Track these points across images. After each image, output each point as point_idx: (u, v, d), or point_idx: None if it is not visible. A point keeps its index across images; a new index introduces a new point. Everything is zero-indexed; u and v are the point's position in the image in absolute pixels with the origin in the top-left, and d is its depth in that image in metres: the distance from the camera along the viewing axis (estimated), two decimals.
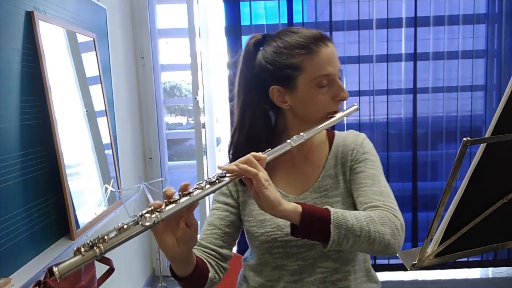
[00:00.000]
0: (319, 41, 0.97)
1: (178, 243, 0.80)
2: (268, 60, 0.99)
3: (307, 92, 0.97)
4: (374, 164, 1.03)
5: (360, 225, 0.86)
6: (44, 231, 1.50)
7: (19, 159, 1.38)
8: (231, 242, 1.05)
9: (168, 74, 3.41)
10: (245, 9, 2.80)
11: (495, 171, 0.58)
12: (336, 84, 0.97)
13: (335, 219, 0.85)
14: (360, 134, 1.10)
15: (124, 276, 2.53)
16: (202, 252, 1.01)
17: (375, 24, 2.80)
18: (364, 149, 1.05)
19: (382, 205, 0.93)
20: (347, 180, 1.04)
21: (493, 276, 3.00)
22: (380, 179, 1.01)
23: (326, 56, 0.96)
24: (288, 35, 0.99)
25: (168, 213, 0.73)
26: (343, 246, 0.86)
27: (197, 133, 2.76)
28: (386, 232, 0.88)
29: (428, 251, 0.60)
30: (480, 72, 2.84)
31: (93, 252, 0.67)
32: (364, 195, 0.98)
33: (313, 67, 0.95)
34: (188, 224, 0.80)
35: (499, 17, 2.78)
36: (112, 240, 0.69)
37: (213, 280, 0.99)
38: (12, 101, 1.36)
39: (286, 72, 0.97)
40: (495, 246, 0.63)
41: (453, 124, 2.87)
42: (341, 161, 1.05)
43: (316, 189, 1.04)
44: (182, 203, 0.75)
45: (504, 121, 0.53)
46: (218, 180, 0.80)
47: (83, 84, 1.85)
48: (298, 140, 0.91)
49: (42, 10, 1.55)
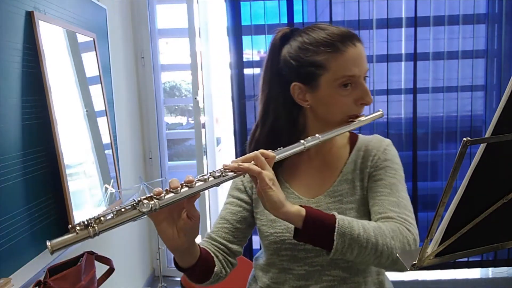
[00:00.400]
0: (346, 40, 0.92)
1: (178, 234, 0.79)
2: (292, 56, 0.96)
3: (328, 92, 0.93)
4: (395, 173, 0.98)
5: (367, 236, 0.82)
6: (44, 231, 1.50)
7: (19, 159, 1.38)
8: (242, 238, 1.04)
9: (168, 74, 3.41)
10: (245, 9, 2.80)
11: (495, 171, 0.58)
12: (361, 87, 0.93)
13: (340, 227, 0.81)
14: (385, 140, 1.04)
15: (124, 276, 2.53)
16: (211, 245, 1.00)
17: (375, 24, 2.80)
18: (386, 156, 1.00)
19: (396, 217, 0.89)
20: (364, 187, 0.99)
21: (493, 276, 3.00)
22: (399, 189, 0.95)
23: (352, 56, 0.92)
24: (315, 31, 0.95)
25: (166, 201, 0.73)
26: (347, 255, 0.83)
27: (197, 133, 2.76)
28: (395, 246, 0.83)
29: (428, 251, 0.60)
30: (480, 72, 2.84)
31: (87, 231, 0.68)
32: (380, 205, 0.93)
33: (338, 67, 0.91)
34: (190, 215, 0.79)
35: (499, 17, 2.78)
36: (108, 221, 0.70)
37: (219, 274, 0.97)
38: (12, 101, 1.36)
39: (309, 70, 0.93)
40: (495, 246, 0.63)
41: (453, 124, 2.87)
42: (360, 167, 1.00)
43: (331, 193, 1.00)
44: (182, 193, 0.75)
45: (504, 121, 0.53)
46: (222, 175, 0.78)
47: (83, 84, 1.85)
48: (312, 141, 0.88)
49: (42, 10, 1.55)
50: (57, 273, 1.36)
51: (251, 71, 2.86)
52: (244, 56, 2.85)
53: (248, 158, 0.82)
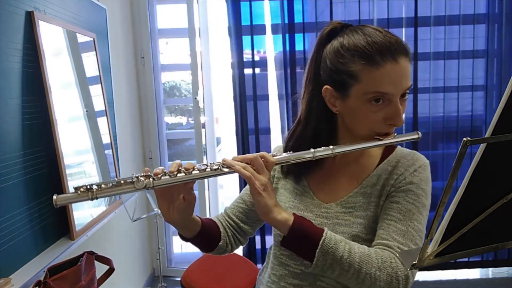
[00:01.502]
0: (387, 54, 0.83)
1: (173, 211, 0.87)
2: (329, 57, 0.90)
3: (358, 104, 0.87)
4: (416, 199, 0.89)
5: (350, 260, 0.80)
6: (44, 231, 1.50)
7: (19, 159, 1.38)
8: (255, 221, 1.08)
9: (168, 74, 3.41)
10: (245, 9, 2.80)
11: (495, 171, 0.58)
12: (393, 106, 0.85)
13: (324, 245, 0.80)
14: (420, 159, 0.96)
15: (124, 276, 2.53)
16: (225, 220, 1.07)
17: (376, 24, 2.80)
18: (412, 178, 0.91)
19: (395, 247, 0.83)
20: (379, 205, 0.92)
21: (494, 276, 2.99)
22: (414, 218, 0.87)
23: (389, 73, 0.83)
24: (359, 35, 0.87)
25: (161, 183, 0.81)
26: (327, 274, 0.83)
27: (197, 133, 2.76)
28: (380, 278, 0.80)
29: (428, 251, 0.60)
30: (480, 72, 2.84)
31: (87, 194, 0.76)
32: (385, 229, 0.87)
33: (370, 81, 0.84)
34: (186, 198, 0.86)
35: (499, 17, 2.78)
36: (106, 190, 0.78)
37: (224, 248, 1.03)
38: (12, 101, 1.36)
39: (342, 77, 0.88)
40: (495, 246, 0.63)
41: (453, 124, 2.87)
42: (383, 183, 0.93)
43: (344, 203, 0.95)
44: (177, 178, 0.82)
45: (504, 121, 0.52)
46: (220, 168, 0.84)
47: (83, 84, 1.85)
48: (323, 152, 0.86)
49: (42, 10, 1.55)
50: (57, 273, 1.35)
51: (251, 71, 2.86)
52: (244, 56, 2.85)
53: (247, 158, 0.84)
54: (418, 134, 0.93)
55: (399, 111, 0.86)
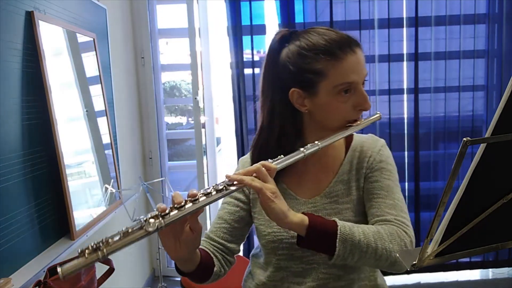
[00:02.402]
0: (345, 47, 0.92)
1: (180, 246, 0.81)
2: (290, 61, 0.95)
3: (327, 99, 0.93)
4: (390, 174, 1.00)
5: (367, 241, 0.85)
6: (44, 231, 1.50)
7: (19, 159, 1.38)
8: (240, 237, 1.06)
9: (168, 74, 3.41)
10: (245, 9, 2.80)
11: (495, 171, 0.58)
12: (359, 93, 0.93)
13: (341, 234, 0.84)
14: (379, 140, 1.06)
15: (124, 276, 2.53)
16: (210, 245, 1.02)
17: (376, 24, 2.80)
18: (381, 157, 1.01)
19: (393, 220, 0.92)
20: (360, 187, 1.01)
21: (494, 277, 2.99)
22: (395, 191, 0.98)
23: (351, 64, 0.91)
24: (315, 36, 0.94)
25: (171, 219, 0.75)
26: (348, 260, 0.86)
27: (197, 133, 2.76)
28: (394, 249, 0.86)
29: (428, 251, 0.60)
30: (480, 72, 2.84)
31: (96, 254, 0.69)
32: (377, 207, 0.95)
33: (337, 74, 0.91)
34: (192, 228, 0.81)
35: (500, 17, 2.78)
36: (116, 243, 0.71)
37: (218, 274, 1.00)
38: (12, 101, 1.36)
39: (307, 76, 0.93)
40: (495, 246, 0.63)
41: (454, 124, 2.87)
42: (356, 167, 1.02)
43: (327, 194, 1.01)
44: (186, 209, 0.76)
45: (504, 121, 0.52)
46: (225, 188, 0.80)
47: (83, 84, 1.85)
48: (312, 149, 0.90)
49: (42, 10, 1.55)
50: (57, 273, 1.35)
51: (251, 71, 2.86)
52: (244, 56, 2.85)
53: (250, 171, 0.83)
54: (379, 113, 1.03)
55: (365, 96, 0.94)
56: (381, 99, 2.84)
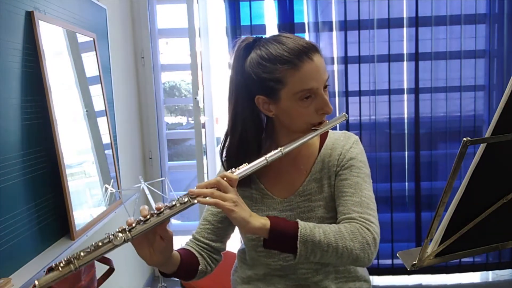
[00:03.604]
0: (303, 55, 0.95)
1: (154, 253, 0.89)
2: (253, 70, 0.99)
3: (290, 105, 0.97)
4: (359, 171, 1.03)
5: (327, 241, 0.90)
6: (44, 231, 1.50)
7: (19, 159, 1.38)
8: (224, 236, 1.12)
9: (168, 74, 3.41)
10: (245, 9, 2.80)
11: (495, 171, 0.58)
12: (320, 98, 0.97)
13: (302, 236, 0.89)
14: (351, 136, 1.10)
15: (124, 276, 2.53)
16: (196, 245, 1.10)
17: (376, 24, 2.79)
18: (351, 155, 1.05)
19: (357, 218, 0.96)
20: (331, 185, 1.05)
21: (498, 279, 2.97)
22: (363, 187, 1.01)
23: (309, 71, 0.95)
24: (274, 45, 0.98)
25: (137, 232, 0.83)
26: (311, 259, 0.91)
27: (197, 133, 2.76)
28: (355, 247, 0.91)
29: (428, 251, 0.60)
30: (481, 72, 2.83)
31: (69, 267, 0.77)
32: (344, 205, 1.00)
33: (295, 82, 0.95)
34: (163, 237, 0.88)
35: (500, 17, 2.78)
36: (86, 257, 0.79)
37: (204, 271, 1.07)
38: (12, 101, 1.36)
39: (269, 84, 0.97)
40: (495, 246, 0.63)
41: (454, 124, 2.86)
42: (327, 165, 1.06)
43: (301, 193, 1.07)
44: (151, 222, 0.84)
45: (504, 121, 0.52)
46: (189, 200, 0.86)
47: (83, 84, 1.85)
48: (275, 155, 0.94)
49: (42, 10, 1.55)
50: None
51: None
52: None
53: (210, 183, 0.88)
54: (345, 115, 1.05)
55: (326, 101, 0.97)
56: (381, 99, 2.84)
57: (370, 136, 2.85)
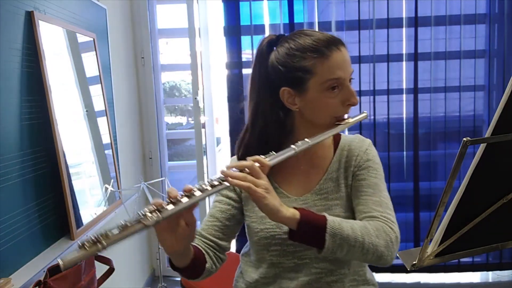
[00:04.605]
0: (331, 45, 0.97)
1: (176, 240, 0.83)
2: (280, 61, 1.00)
3: (316, 95, 0.98)
4: (377, 172, 1.04)
5: (355, 235, 0.89)
6: (44, 231, 1.50)
7: (19, 159, 1.38)
8: (231, 235, 1.08)
9: (168, 74, 3.41)
10: (245, 9, 2.80)
11: (495, 171, 0.58)
12: (346, 89, 0.98)
13: (330, 228, 0.87)
14: (366, 140, 1.10)
15: (124, 276, 2.53)
16: (202, 242, 1.05)
17: (376, 24, 2.80)
18: (367, 156, 1.06)
19: (380, 216, 0.95)
20: (348, 185, 1.05)
21: (498, 280, 2.97)
22: (381, 188, 1.02)
23: (337, 60, 0.96)
24: (302, 37, 0.99)
25: (169, 212, 0.76)
26: (337, 254, 0.89)
27: (197, 133, 2.76)
28: (380, 244, 0.90)
29: (428, 251, 0.60)
30: (480, 72, 2.83)
31: (96, 247, 0.71)
32: (364, 204, 0.99)
33: (324, 71, 0.96)
34: (187, 222, 0.83)
35: (500, 17, 2.78)
36: (115, 236, 0.72)
37: (210, 270, 1.02)
38: (12, 101, 1.36)
39: (297, 75, 0.98)
40: (495, 246, 0.63)
41: (454, 124, 2.86)
42: (344, 165, 1.06)
43: (317, 191, 1.05)
44: (182, 204, 0.78)
45: (504, 121, 0.52)
46: (220, 183, 0.82)
47: (83, 84, 1.85)
48: (302, 146, 0.93)
49: (42, 10, 1.55)
50: (57, 273, 1.36)
51: (250, 71, 2.85)
52: (244, 56, 2.85)
53: (243, 165, 0.85)
54: (365, 113, 1.07)
55: (353, 92, 0.98)
56: (380, 99, 2.85)
57: (369, 136, 2.83)
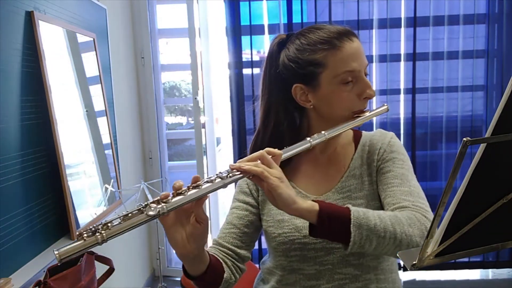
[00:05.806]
0: (343, 36, 0.92)
1: (188, 240, 0.77)
2: (290, 58, 0.96)
3: (330, 90, 0.92)
4: (403, 163, 0.97)
5: (384, 225, 0.79)
6: (44, 231, 1.50)
7: (19, 159, 1.38)
8: (250, 243, 1.01)
9: (168, 74, 3.41)
10: (245, 9, 2.80)
11: (495, 171, 0.58)
12: (362, 81, 0.92)
13: (355, 219, 0.78)
14: (388, 132, 1.04)
15: (124, 276, 2.53)
16: (219, 251, 0.97)
17: (375, 24, 2.80)
18: (391, 148, 0.99)
19: (411, 206, 0.87)
20: (373, 182, 0.97)
21: (494, 277, 2.98)
22: (409, 178, 0.94)
23: (350, 52, 0.91)
24: (312, 31, 0.95)
25: (174, 204, 0.71)
26: (365, 248, 0.79)
27: (197, 133, 2.76)
28: (414, 233, 0.80)
29: (428, 251, 0.60)
30: (480, 72, 2.84)
31: (95, 238, 0.66)
32: (392, 196, 0.91)
33: (336, 63, 0.91)
34: (198, 219, 0.77)
35: (500, 17, 2.78)
36: (116, 227, 0.67)
37: (229, 281, 0.94)
38: (12, 101, 1.36)
39: (308, 69, 0.93)
40: (495, 246, 0.63)
41: (453, 124, 2.87)
42: (367, 161, 0.99)
43: (339, 189, 0.98)
44: (189, 195, 0.72)
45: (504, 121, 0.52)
46: (229, 175, 0.76)
47: (83, 84, 1.85)
48: (319, 138, 0.88)
49: (42, 10, 1.55)
50: (57, 273, 1.35)
51: (250, 71, 2.86)
52: (244, 56, 2.85)
53: (253, 157, 0.80)
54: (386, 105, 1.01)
55: (368, 83, 0.93)
56: (379, 99, 2.85)
57: None
